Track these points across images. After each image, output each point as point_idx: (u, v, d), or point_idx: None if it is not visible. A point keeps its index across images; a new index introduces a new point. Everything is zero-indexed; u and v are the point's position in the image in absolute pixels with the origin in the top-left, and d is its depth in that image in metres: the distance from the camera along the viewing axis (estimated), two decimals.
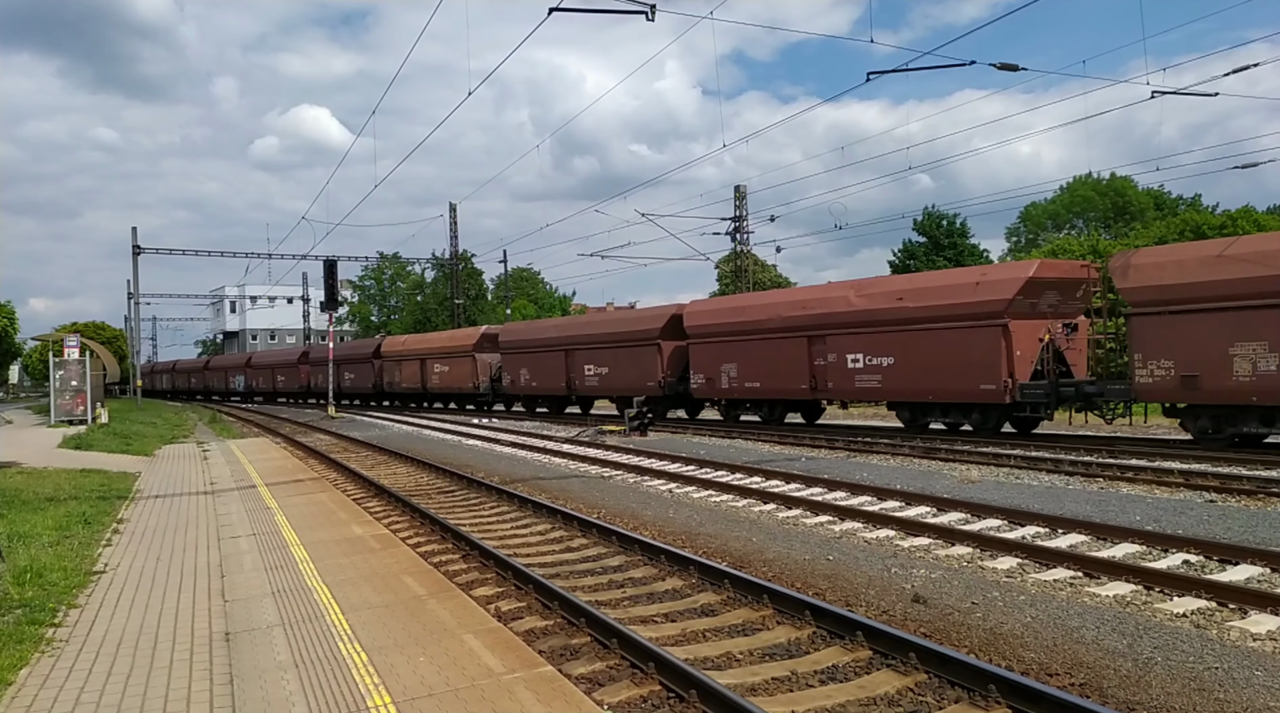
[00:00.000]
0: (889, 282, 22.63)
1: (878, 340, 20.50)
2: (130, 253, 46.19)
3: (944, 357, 18.78)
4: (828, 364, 21.79)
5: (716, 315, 25.85)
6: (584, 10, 13.20)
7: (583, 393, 31.46)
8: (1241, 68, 17.46)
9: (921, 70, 16.97)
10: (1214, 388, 15.09)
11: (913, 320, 19.56)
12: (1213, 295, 14.97)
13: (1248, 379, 14.53)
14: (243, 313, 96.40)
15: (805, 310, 22.65)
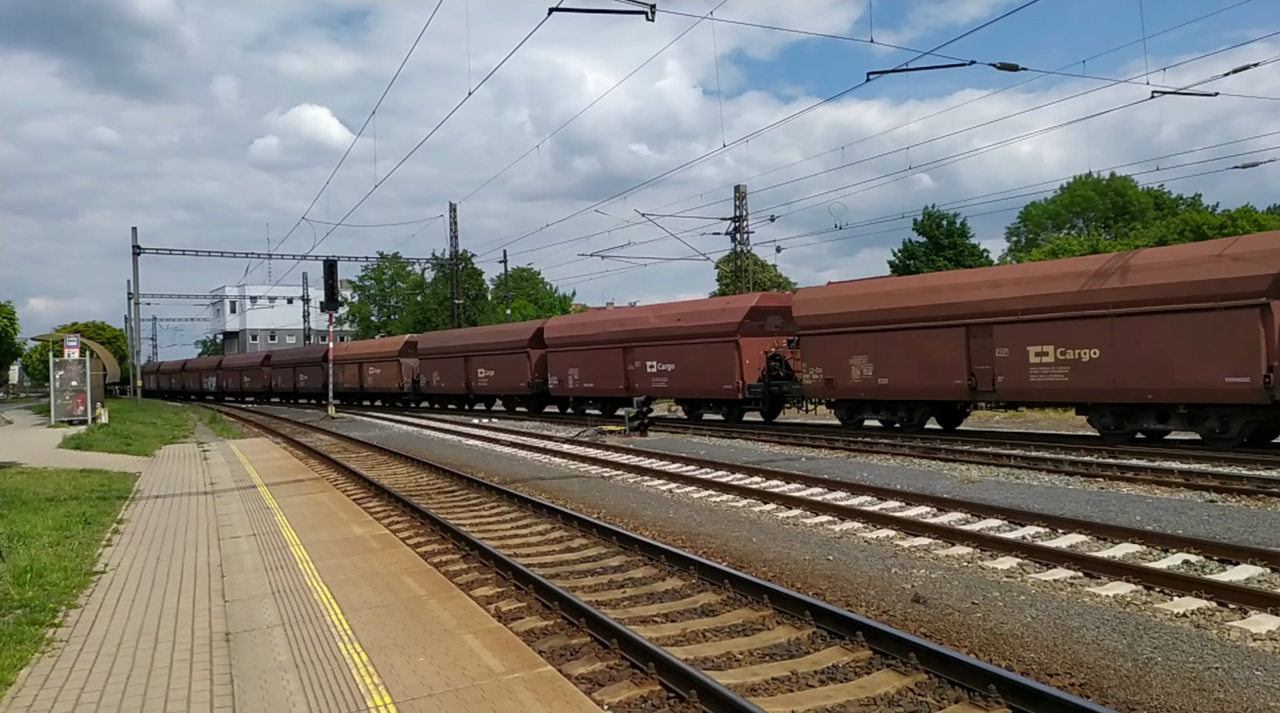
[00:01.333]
0: (675, 306, 29.60)
1: (665, 351, 27.41)
2: (130, 253, 46.18)
3: (703, 363, 25.86)
4: (635, 369, 28.59)
5: (568, 330, 33.07)
6: (584, 10, 13.19)
7: (479, 393, 39.19)
8: (1242, 67, 17.46)
9: (921, 70, 16.97)
10: (842, 387, 21.77)
11: (685, 336, 26.66)
12: (838, 324, 21.80)
13: (859, 381, 21.26)
14: (243, 313, 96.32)
15: (621, 327, 29.53)
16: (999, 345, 17.87)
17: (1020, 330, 17.48)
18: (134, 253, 46.22)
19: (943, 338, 18.91)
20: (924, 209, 51.75)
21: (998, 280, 18.82)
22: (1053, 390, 17.22)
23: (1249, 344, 14.08)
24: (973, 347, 18.40)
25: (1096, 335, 16.23)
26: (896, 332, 20.04)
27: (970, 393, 18.68)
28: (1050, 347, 17.04)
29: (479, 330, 44.44)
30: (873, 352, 20.73)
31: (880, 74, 22.93)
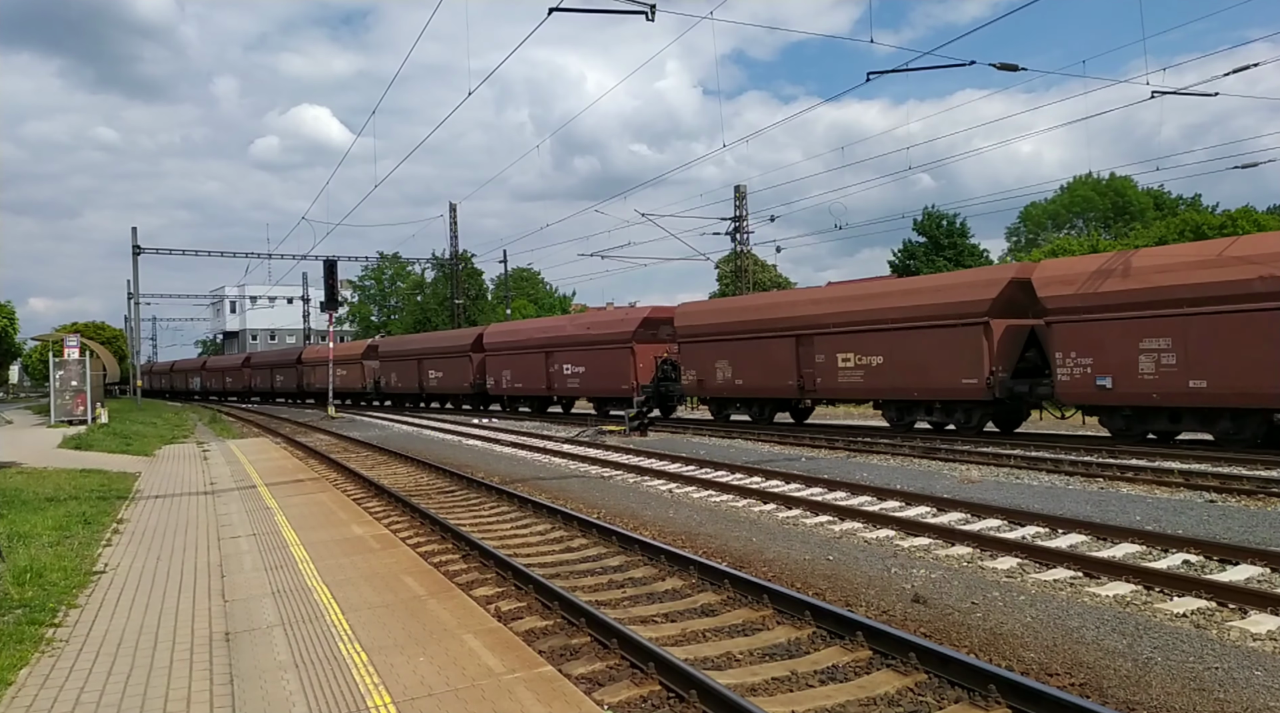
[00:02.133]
0: (586, 317, 34.99)
1: (577, 356, 31.85)
2: (130, 253, 46.18)
3: (606, 366, 29.86)
4: (554, 371, 33.01)
5: (503, 336, 37.14)
6: (584, 10, 13.20)
7: (430, 392, 43.63)
8: (1242, 67, 17.44)
9: (921, 70, 16.96)
10: (711, 386, 25.83)
11: (593, 343, 30.91)
12: (707, 333, 25.83)
13: (722, 382, 25.35)
14: (243, 313, 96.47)
15: (544, 334, 34.16)
16: (818, 352, 22.10)
17: (832, 340, 21.76)
18: (134, 253, 46.23)
19: (780, 346, 23.20)
20: (924, 209, 51.83)
21: (818, 299, 22.96)
22: (854, 390, 21.59)
23: (977, 353, 18.24)
24: (800, 354, 22.68)
25: (881, 345, 20.52)
26: (749, 340, 24.30)
27: (799, 391, 23.01)
28: (852, 354, 21.29)
29: (430, 336, 48.55)
30: (732, 357, 24.93)
31: (880, 74, 22.87)
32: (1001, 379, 18.02)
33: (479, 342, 37.99)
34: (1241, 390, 14.50)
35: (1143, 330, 15.66)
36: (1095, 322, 16.31)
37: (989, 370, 18.03)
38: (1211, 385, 14.80)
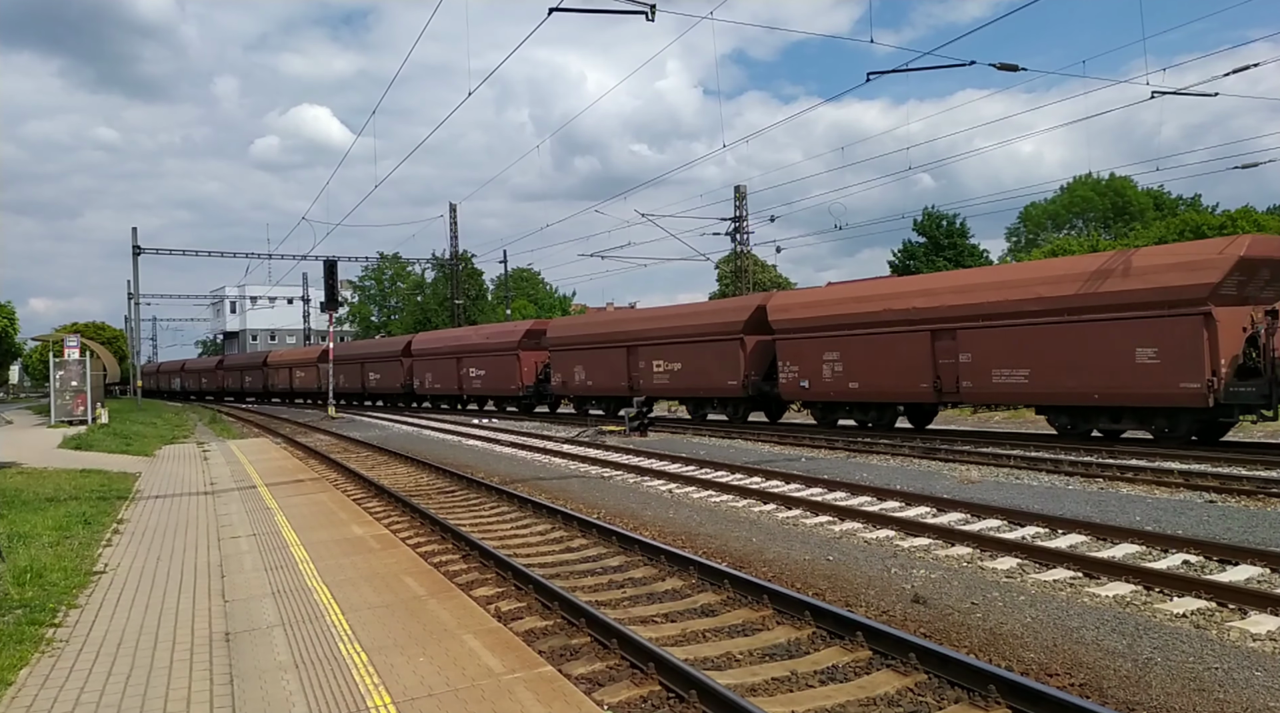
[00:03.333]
0: (485, 328, 41.12)
1: (479, 361, 36.75)
2: (130, 253, 46.17)
3: (499, 370, 35.54)
4: (463, 375, 38.05)
5: (428, 343, 42.38)
6: (584, 10, 13.19)
7: (370, 391, 48.70)
8: (1242, 67, 17.44)
9: (922, 70, 16.96)
10: (571, 386, 31.44)
11: (489, 350, 36.24)
12: (568, 344, 31.55)
13: (578, 382, 30.60)
14: (243, 313, 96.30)
15: (457, 342, 39.39)
16: (642, 360, 28.31)
17: (650, 350, 28.03)
18: (134, 253, 46.22)
19: (614, 355, 29.55)
20: (924, 209, 51.79)
21: (645, 317, 30.27)
22: (665, 390, 28.03)
23: (737, 360, 24.57)
24: (630, 361, 28.84)
25: (680, 355, 26.90)
26: (596, 350, 30.42)
27: (629, 391, 28.43)
28: (662, 361, 27.67)
29: (371, 342, 56.11)
30: (586, 364, 30.95)
31: (880, 74, 22.86)
32: (753, 381, 24.33)
33: (408, 348, 44.81)
34: (879, 390, 20.89)
35: (824, 346, 22.04)
36: (800, 340, 22.69)
37: (744, 374, 24.38)
38: (861, 386, 21.22)
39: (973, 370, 18.47)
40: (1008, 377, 17.88)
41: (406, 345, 44.86)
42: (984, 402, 20.77)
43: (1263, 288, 15.69)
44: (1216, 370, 14.82)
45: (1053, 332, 17.03)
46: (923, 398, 19.96)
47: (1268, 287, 15.74)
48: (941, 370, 19.17)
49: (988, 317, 18.11)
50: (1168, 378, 15.34)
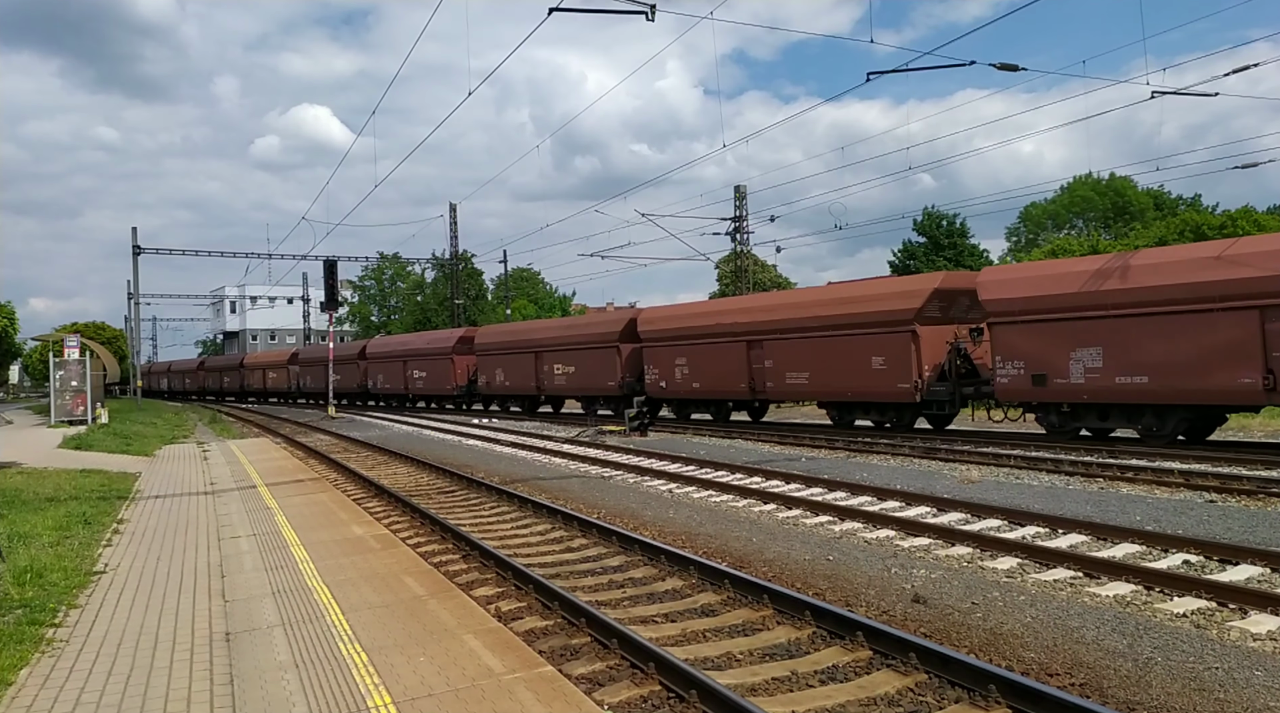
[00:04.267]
0: (423, 336, 47.39)
1: (419, 363, 41.94)
2: (130, 253, 46.17)
3: (436, 371, 40.45)
4: (408, 376, 42.84)
5: (381, 347, 47.63)
6: (584, 10, 13.20)
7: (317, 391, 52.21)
8: (1243, 67, 17.42)
9: (922, 70, 16.96)
10: (493, 386, 36.35)
11: (425, 354, 41.78)
12: (492, 349, 36.37)
13: (499, 384, 35.88)
14: (243, 313, 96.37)
15: (404, 347, 44.69)
16: (547, 364, 32.40)
17: (551, 356, 32.23)
18: (134, 253, 46.21)
19: (523, 360, 33.90)
20: (924, 209, 51.77)
21: (548, 326, 35.70)
22: (563, 389, 32.19)
23: (614, 366, 28.93)
24: (538, 365, 32.92)
25: (572, 359, 31.02)
26: (512, 355, 34.85)
27: (536, 390, 33.18)
28: (561, 365, 31.68)
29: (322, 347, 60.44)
30: (505, 366, 35.38)
31: (880, 74, 22.87)
32: (627, 381, 28.30)
33: (363, 352, 49.73)
34: (714, 389, 24.89)
35: (676, 353, 25.92)
36: (659, 347, 26.89)
37: (620, 376, 28.51)
38: (702, 386, 25.32)
39: (773, 373, 22.87)
40: (796, 378, 22.34)
41: (362, 349, 49.80)
42: (782, 399, 24.65)
43: (966, 311, 19.36)
44: (921, 375, 19.13)
45: (822, 343, 21.44)
46: (741, 395, 24.34)
47: (970, 310, 19.16)
48: (754, 373, 23.51)
49: (782, 331, 22.57)
50: (891, 379, 19.66)
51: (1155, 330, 15.30)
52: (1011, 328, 17.61)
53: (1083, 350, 16.33)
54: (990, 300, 18.06)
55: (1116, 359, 15.81)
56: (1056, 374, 16.76)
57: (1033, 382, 17.26)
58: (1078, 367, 16.43)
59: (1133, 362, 15.58)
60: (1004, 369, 17.78)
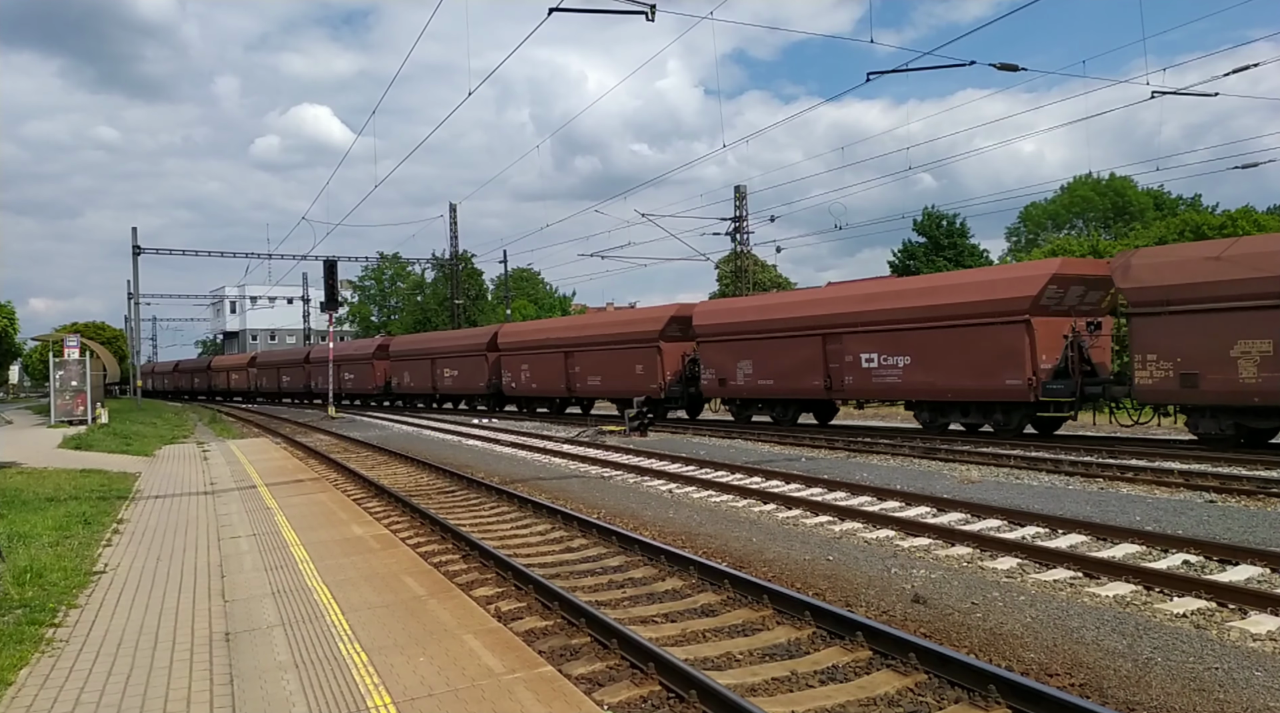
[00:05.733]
0: (356, 343, 54.54)
1: (352, 366, 48.64)
2: (130, 253, 46.17)
3: (363, 373, 47.03)
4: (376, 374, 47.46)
5: (340, 350, 50.50)
6: (584, 10, 13.20)
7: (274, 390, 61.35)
8: (1243, 67, 17.42)
9: (922, 70, 16.96)
10: (412, 386, 44.09)
11: (356, 358, 48.22)
12: (411, 355, 44.22)
13: (413, 384, 43.88)
14: (243, 313, 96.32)
15: (369, 349, 48.46)
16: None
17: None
18: (134, 253, 46.21)
19: (470, 362, 37.40)
20: (924, 209, 51.73)
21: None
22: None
23: (485, 370, 36.22)
24: (494, 363, 36.13)
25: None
26: (422, 360, 41.78)
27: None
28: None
29: (287, 350, 68.96)
30: (415, 369, 42.48)
31: (880, 74, 22.88)
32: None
33: (308, 357, 54.52)
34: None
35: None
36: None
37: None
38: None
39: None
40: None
41: (307, 355, 56.01)
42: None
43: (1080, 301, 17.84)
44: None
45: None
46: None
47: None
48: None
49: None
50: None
51: (355, 366, 24.63)
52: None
53: (348, 375, 22.18)
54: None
55: (353, 377, 22.49)
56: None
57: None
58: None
59: (351, 377, 22.10)
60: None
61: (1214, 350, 15.23)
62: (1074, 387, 17.02)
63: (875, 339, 20.38)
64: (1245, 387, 14.48)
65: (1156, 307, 15.67)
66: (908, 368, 19.55)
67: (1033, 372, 17.25)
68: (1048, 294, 17.28)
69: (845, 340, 21.15)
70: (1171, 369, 16.33)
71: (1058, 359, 17.37)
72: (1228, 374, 15.02)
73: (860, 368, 20.86)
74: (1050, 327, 17.27)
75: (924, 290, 19.86)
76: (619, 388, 28.83)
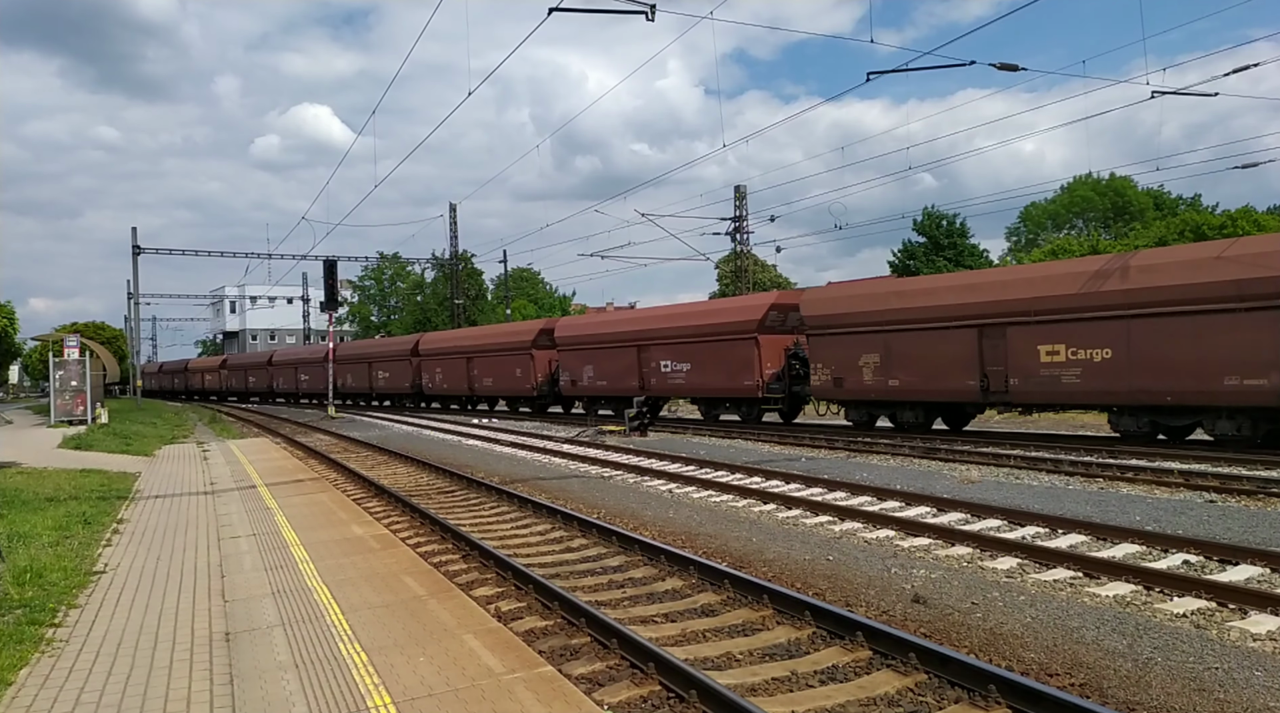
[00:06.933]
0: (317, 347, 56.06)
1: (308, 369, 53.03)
2: (130, 253, 46.16)
3: (315, 376, 50.25)
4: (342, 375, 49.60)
5: (287, 354, 57.64)
6: (584, 10, 13.19)
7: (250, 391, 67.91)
8: (1243, 67, 17.41)
9: (922, 70, 16.96)
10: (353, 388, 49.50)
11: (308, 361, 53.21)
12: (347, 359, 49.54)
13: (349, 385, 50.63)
14: (243, 313, 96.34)
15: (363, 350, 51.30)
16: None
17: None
18: (134, 253, 46.21)
19: (396, 365, 42.90)
20: (924, 209, 51.69)
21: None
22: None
23: (411, 374, 42.59)
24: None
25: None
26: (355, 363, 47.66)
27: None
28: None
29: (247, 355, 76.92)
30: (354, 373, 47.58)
31: (880, 74, 22.88)
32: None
33: (270, 361, 61.58)
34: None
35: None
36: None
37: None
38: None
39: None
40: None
41: (270, 357, 62.62)
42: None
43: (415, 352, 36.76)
44: (332, 384, 39.91)
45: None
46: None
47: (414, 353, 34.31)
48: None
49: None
50: (320, 386, 42.74)
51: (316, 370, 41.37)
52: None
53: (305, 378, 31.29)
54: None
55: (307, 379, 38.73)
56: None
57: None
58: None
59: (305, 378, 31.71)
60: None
61: (850, 361, 21.46)
62: (785, 387, 23.28)
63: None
64: (867, 386, 20.85)
65: (821, 330, 21.90)
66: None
67: (270, 383, 45.57)
68: (770, 318, 23.18)
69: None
70: (830, 374, 22.22)
71: (780, 366, 23.39)
72: (858, 378, 21.33)
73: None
74: (271, 372, 34.30)
75: (249, 356, 37.63)
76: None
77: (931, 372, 19.49)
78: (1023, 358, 17.52)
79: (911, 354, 19.93)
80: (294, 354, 59.61)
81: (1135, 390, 15.92)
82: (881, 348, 20.60)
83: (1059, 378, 17.01)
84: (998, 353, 18.05)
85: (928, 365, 19.56)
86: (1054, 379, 17.07)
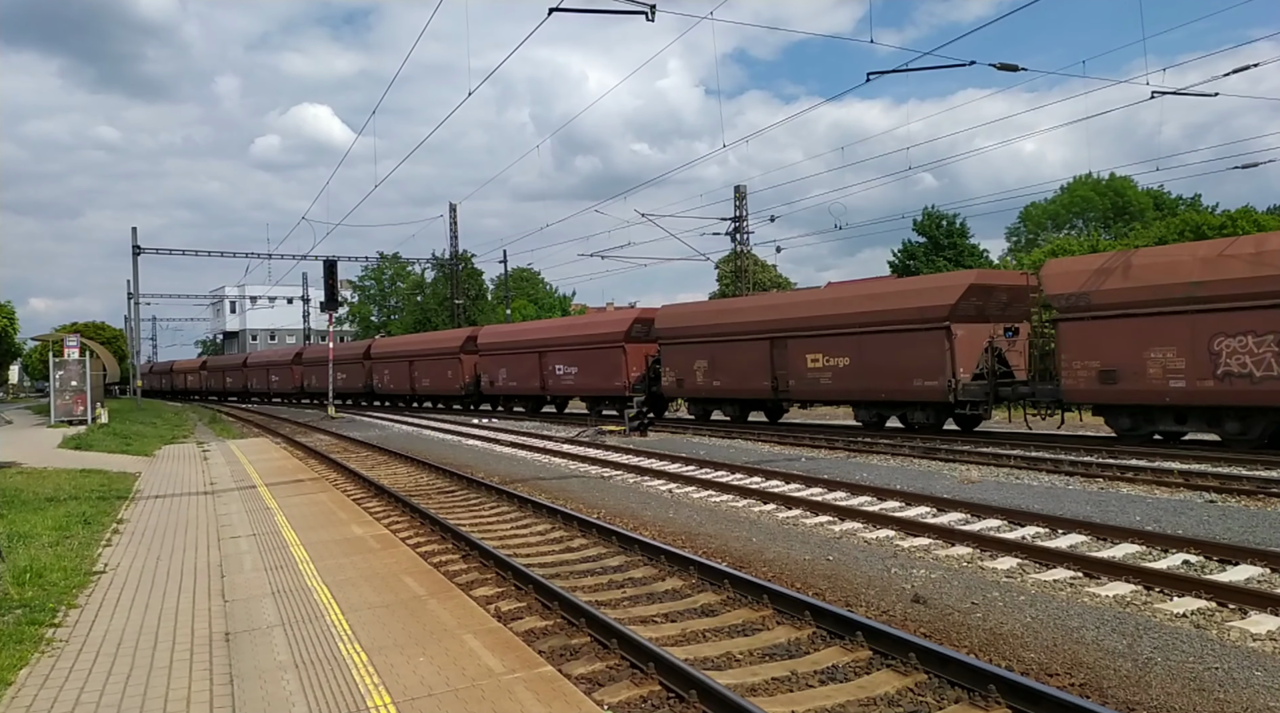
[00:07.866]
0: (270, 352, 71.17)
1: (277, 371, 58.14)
2: (131, 253, 46.15)
3: (282, 378, 57.94)
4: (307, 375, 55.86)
5: (264, 356, 58.93)
6: (584, 10, 13.19)
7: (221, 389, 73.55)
8: (1243, 67, 17.41)
9: (922, 70, 16.96)
10: (561, 385, 36.84)
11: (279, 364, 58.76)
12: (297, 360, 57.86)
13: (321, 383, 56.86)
14: (243, 313, 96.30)
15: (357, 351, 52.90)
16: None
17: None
18: (134, 253, 46.19)
19: (352, 367, 45.35)
20: (924, 209, 51.69)
21: (413, 341, 43.58)
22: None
23: (364, 375, 47.87)
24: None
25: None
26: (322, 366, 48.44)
27: (368, 387, 46.62)
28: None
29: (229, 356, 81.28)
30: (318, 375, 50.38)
31: (880, 74, 22.86)
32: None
33: (244, 363, 66.15)
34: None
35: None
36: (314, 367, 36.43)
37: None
38: (430, 386, 32.10)
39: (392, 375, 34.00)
40: (279, 385, 49.31)
41: (245, 360, 67.95)
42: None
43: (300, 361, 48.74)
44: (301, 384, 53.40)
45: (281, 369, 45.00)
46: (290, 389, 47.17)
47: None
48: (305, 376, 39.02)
49: (268, 365, 41.34)
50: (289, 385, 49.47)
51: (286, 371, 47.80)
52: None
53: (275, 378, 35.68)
54: None
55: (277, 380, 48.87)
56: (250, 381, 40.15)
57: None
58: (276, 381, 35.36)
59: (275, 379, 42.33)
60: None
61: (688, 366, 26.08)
62: (646, 387, 27.80)
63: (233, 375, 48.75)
64: (700, 386, 25.74)
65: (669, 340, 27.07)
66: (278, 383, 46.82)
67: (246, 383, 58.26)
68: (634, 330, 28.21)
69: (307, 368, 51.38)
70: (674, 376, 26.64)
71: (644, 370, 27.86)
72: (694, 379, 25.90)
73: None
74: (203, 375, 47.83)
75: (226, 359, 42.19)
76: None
77: (741, 375, 24.34)
78: (796, 364, 22.58)
79: (728, 361, 24.75)
80: (265, 357, 65.95)
81: (865, 389, 20.93)
82: (709, 356, 25.43)
83: (819, 380, 22.03)
84: (783, 360, 23.04)
85: (739, 370, 24.38)
86: (815, 381, 22.16)
